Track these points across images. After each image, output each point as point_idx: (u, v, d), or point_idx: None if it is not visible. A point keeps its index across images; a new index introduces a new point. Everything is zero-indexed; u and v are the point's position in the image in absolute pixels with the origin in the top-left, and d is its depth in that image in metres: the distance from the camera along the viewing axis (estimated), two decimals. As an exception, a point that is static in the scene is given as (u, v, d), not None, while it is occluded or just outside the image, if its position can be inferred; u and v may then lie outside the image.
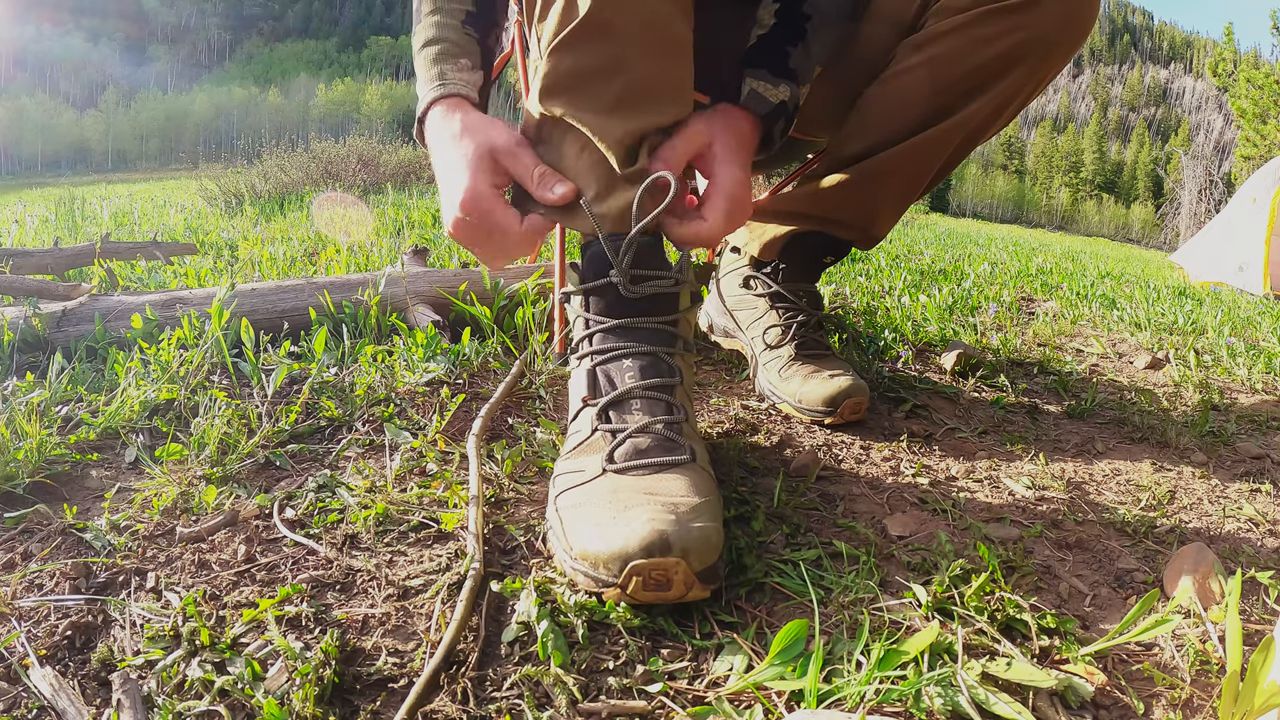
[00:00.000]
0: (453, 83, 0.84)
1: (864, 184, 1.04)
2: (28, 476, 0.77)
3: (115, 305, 1.21)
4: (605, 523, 0.60)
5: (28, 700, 0.49)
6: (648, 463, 0.66)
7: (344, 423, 0.94)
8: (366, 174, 6.97)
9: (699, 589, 0.57)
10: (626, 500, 0.62)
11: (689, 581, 0.56)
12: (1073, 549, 0.75)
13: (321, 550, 0.66)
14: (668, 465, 0.66)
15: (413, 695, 0.48)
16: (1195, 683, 0.55)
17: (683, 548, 0.56)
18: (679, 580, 0.56)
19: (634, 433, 0.68)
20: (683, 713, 0.50)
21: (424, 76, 0.87)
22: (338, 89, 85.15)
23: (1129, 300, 2.76)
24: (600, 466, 0.67)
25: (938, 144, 1.00)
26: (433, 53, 0.87)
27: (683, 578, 0.56)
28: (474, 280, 1.39)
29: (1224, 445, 1.09)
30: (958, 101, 0.97)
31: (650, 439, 0.68)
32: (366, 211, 3.99)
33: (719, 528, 0.61)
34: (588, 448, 0.70)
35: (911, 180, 1.04)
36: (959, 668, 0.51)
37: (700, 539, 0.57)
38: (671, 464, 0.66)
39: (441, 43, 0.88)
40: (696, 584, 0.57)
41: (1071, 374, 1.43)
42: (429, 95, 0.85)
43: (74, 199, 4.71)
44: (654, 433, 0.68)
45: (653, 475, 0.65)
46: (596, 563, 0.58)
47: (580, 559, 0.59)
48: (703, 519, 0.60)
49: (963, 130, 0.99)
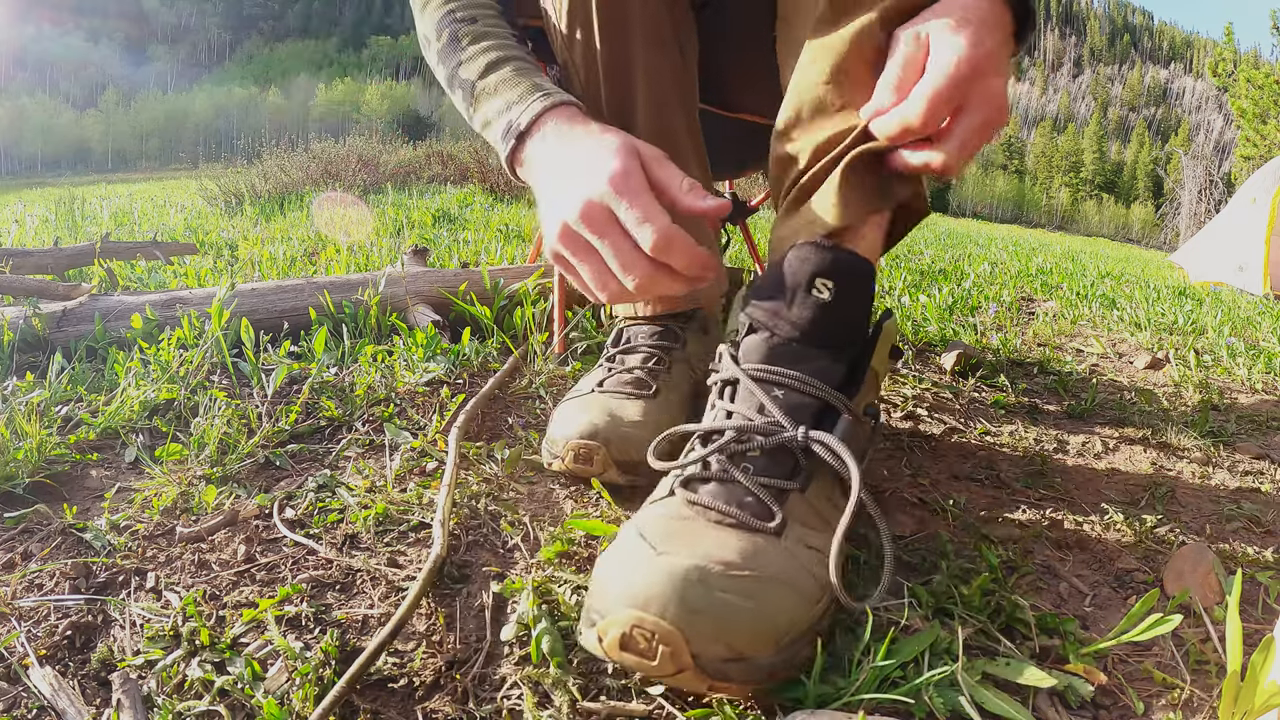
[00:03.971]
0: (557, 92, 0.74)
1: None
2: (28, 476, 0.77)
3: (115, 305, 1.21)
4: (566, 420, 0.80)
5: (28, 700, 0.49)
6: (621, 389, 0.83)
7: (344, 423, 0.94)
8: (366, 174, 6.97)
9: (615, 473, 0.76)
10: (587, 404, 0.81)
11: (606, 464, 0.75)
12: (1073, 549, 0.75)
13: (321, 550, 0.66)
14: (639, 395, 0.83)
15: (354, 667, 0.50)
16: (1195, 683, 0.55)
17: (605, 439, 0.75)
18: (599, 460, 0.75)
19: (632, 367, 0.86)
20: (681, 715, 0.50)
21: (511, 94, 0.75)
22: (338, 89, 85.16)
23: (1129, 300, 2.76)
24: (591, 387, 0.86)
25: None
26: (511, 69, 0.77)
27: (601, 459, 0.75)
28: (474, 280, 1.39)
29: (1224, 445, 1.09)
30: None
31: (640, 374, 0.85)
32: (366, 211, 3.99)
33: (646, 428, 0.75)
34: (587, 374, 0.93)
35: None
36: (959, 668, 0.51)
37: (620, 436, 0.75)
38: (639, 395, 0.83)
39: (516, 61, 0.78)
40: (614, 468, 0.76)
41: (1071, 374, 1.43)
42: (534, 106, 0.72)
43: (74, 199, 4.70)
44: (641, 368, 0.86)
45: (622, 399, 0.82)
46: (552, 444, 0.79)
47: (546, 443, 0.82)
48: (639, 427, 0.76)
49: None
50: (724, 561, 0.49)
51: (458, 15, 0.83)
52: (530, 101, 0.73)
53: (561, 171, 0.67)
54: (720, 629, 0.46)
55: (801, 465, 0.58)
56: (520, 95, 0.74)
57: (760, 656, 0.47)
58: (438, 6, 0.84)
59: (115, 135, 76.34)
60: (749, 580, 0.49)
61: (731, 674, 0.47)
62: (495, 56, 0.78)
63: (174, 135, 77.27)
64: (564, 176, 0.66)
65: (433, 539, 0.64)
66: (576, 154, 0.67)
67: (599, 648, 0.48)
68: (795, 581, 0.51)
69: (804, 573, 0.52)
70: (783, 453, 0.58)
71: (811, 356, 0.62)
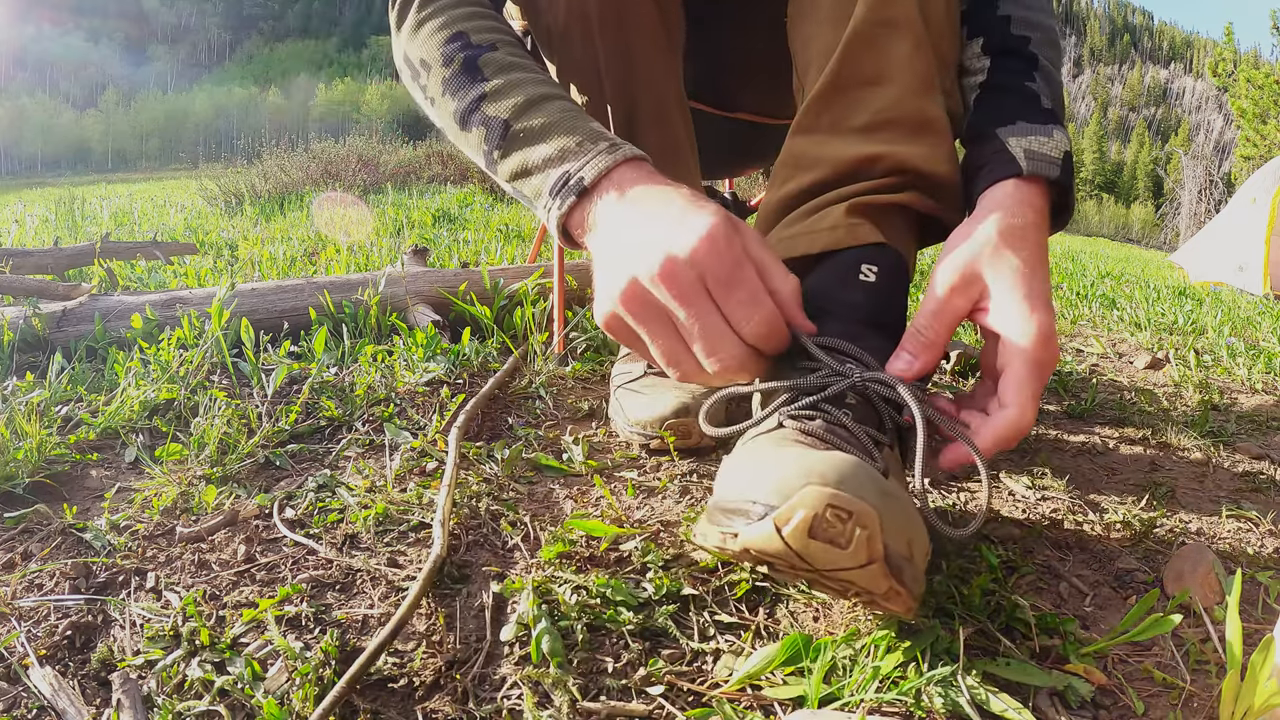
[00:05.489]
0: (624, 145, 0.62)
1: None
2: (28, 476, 0.77)
3: (115, 305, 1.21)
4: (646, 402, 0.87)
5: (28, 700, 0.49)
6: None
7: (344, 423, 0.94)
8: (366, 174, 6.98)
9: (708, 441, 0.84)
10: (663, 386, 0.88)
11: (701, 435, 0.81)
12: (1073, 549, 0.75)
13: (321, 550, 0.66)
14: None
15: (354, 667, 0.50)
16: (1195, 683, 0.55)
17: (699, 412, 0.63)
18: (696, 432, 0.81)
19: None
20: (681, 715, 0.50)
21: (565, 141, 0.63)
22: (338, 89, 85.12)
23: (1129, 300, 2.76)
24: (643, 369, 0.94)
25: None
26: (559, 109, 0.65)
27: (698, 432, 0.80)
28: (474, 280, 1.39)
29: (1224, 445, 1.09)
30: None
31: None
32: (366, 211, 4.00)
33: (722, 399, 0.62)
34: (631, 357, 0.99)
35: None
36: (959, 668, 0.51)
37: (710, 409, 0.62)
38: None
39: (562, 100, 0.67)
40: (706, 437, 0.75)
41: (1071, 374, 1.43)
42: (601, 159, 0.60)
43: (74, 199, 4.71)
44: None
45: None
46: (643, 425, 0.86)
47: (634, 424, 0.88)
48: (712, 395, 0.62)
49: None
50: (876, 469, 0.47)
51: (472, 40, 0.70)
52: (595, 152, 0.61)
53: (639, 226, 0.57)
54: (904, 522, 0.44)
55: (888, 424, 0.57)
56: (579, 143, 0.62)
57: (919, 562, 0.45)
58: (439, 28, 0.72)
59: (115, 135, 76.31)
60: (897, 486, 0.46)
61: (905, 575, 0.43)
62: (536, 93, 0.66)
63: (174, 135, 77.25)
64: (641, 229, 0.56)
65: (433, 539, 0.64)
66: (665, 213, 0.56)
67: (777, 539, 0.42)
68: (913, 509, 0.49)
69: (915, 507, 0.51)
70: (870, 407, 0.57)
71: (868, 335, 0.62)
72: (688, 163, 0.89)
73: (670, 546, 0.67)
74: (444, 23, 0.72)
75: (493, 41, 0.71)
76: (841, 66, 0.67)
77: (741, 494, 0.46)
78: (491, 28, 0.73)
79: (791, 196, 0.69)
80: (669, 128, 0.86)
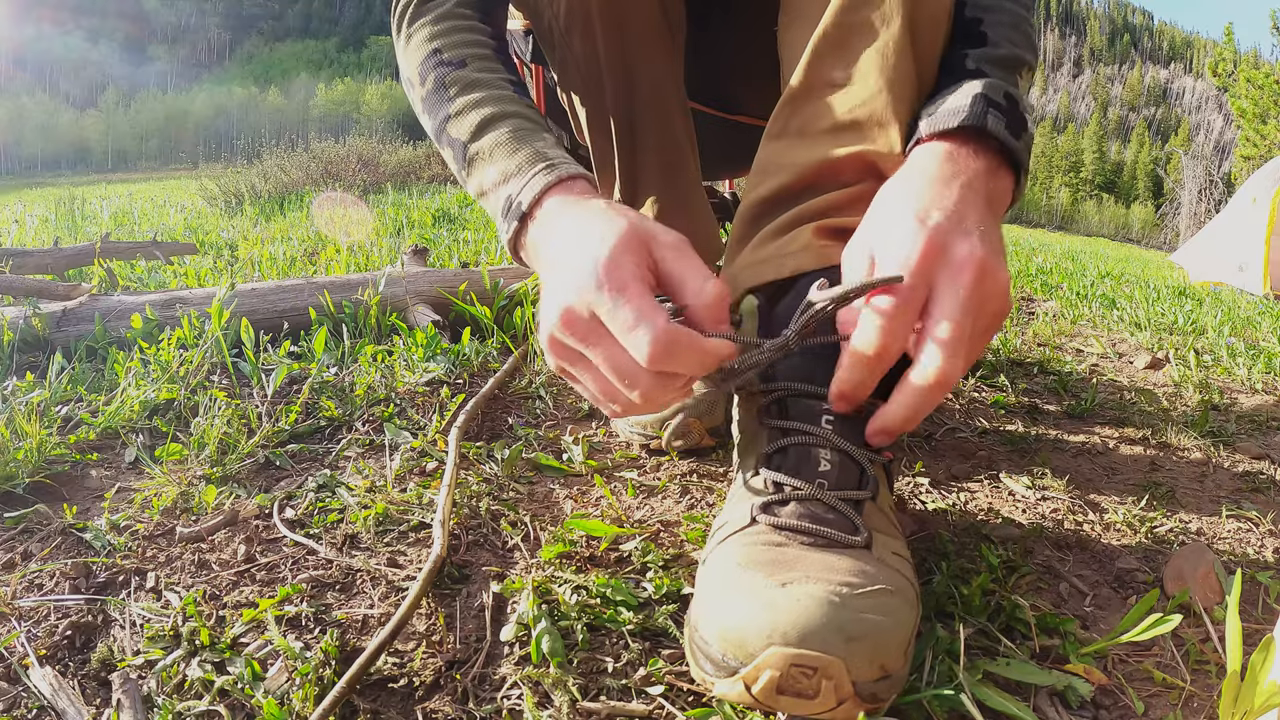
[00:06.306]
0: (564, 162, 0.62)
1: None
2: (28, 476, 0.77)
3: (115, 305, 1.21)
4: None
5: (28, 700, 0.49)
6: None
7: (344, 423, 0.94)
8: (366, 174, 6.98)
9: (708, 439, 0.86)
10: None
11: (702, 434, 0.84)
12: (1073, 549, 0.75)
13: (321, 550, 0.66)
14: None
15: (354, 667, 0.50)
16: (1195, 683, 0.55)
17: (696, 412, 0.63)
18: (696, 431, 0.83)
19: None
20: (681, 715, 0.50)
21: (508, 163, 0.64)
22: (338, 89, 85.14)
23: (1129, 300, 2.76)
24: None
25: None
26: (508, 130, 0.66)
27: (698, 430, 0.83)
28: (474, 280, 1.39)
29: (1224, 445, 1.09)
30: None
31: None
32: (366, 211, 4.00)
33: (720, 394, 0.59)
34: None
35: None
36: (959, 668, 0.51)
37: (710, 407, 0.65)
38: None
39: (513, 119, 0.67)
40: (706, 436, 0.84)
41: (1071, 374, 1.43)
42: (536, 181, 0.61)
43: (74, 199, 4.71)
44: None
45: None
46: (644, 425, 0.89)
47: None
48: (715, 394, 0.59)
49: None
50: (847, 583, 0.47)
51: (444, 56, 0.71)
52: (531, 175, 0.62)
53: (554, 266, 0.57)
54: (875, 651, 0.44)
55: (868, 474, 0.56)
56: (519, 166, 0.63)
57: (899, 670, 0.46)
58: (422, 43, 0.73)
59: (115, 135, 76.32)
60: (877, 596, 0.47)
61: (881, 693, 0.45)
62: (489, 113, 0.67)
63: (174, 135, 77.22)
64: (555, 269, 0.56)
65: (433, 539, 0.64)
66: (570, 243, 0.56)
67: (746, 696, 0.44)
68: (902, 590, 0.50)
69: (901, 578, 0.51)
70: (848, 459, 0.55)
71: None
72: (688, 163, 0.89)
73: (670, 546, 0.67)
74: (425, 37, 0.73)
75: (463, 58, 0.71)
76: (809, 70, 0.66)
77: (714, 636, 0.47)
78: (465, 40, 0.72)
79: (757, 204, 0.68)
80: (669, 128, 0.86)
